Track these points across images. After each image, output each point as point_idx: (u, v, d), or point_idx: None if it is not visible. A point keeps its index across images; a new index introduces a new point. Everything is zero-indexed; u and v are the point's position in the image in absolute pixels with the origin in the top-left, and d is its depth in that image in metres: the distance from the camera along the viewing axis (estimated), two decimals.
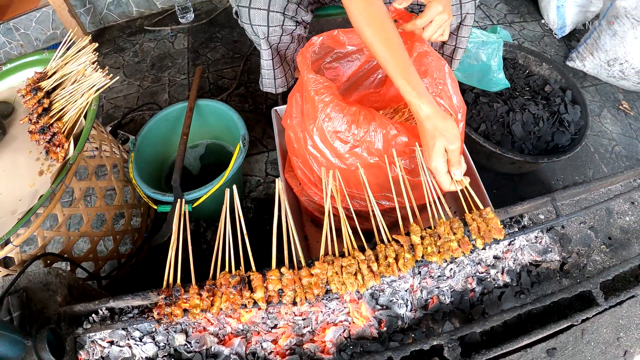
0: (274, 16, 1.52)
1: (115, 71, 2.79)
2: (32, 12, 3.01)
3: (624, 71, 2.43)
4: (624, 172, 1.35)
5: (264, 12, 1.51)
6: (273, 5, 1.50)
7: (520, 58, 2.26)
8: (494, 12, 3.07)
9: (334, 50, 1.42)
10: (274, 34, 1.58)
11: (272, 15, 1.52)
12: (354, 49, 1.43)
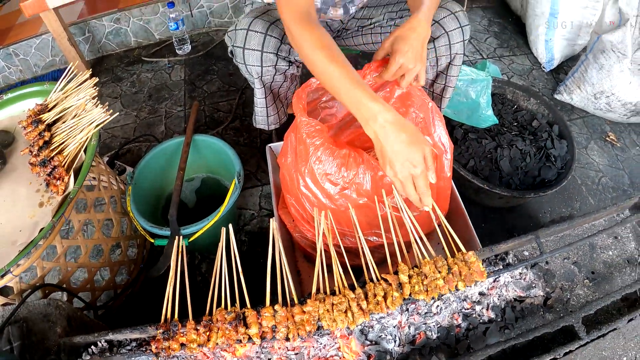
0: (267, 57, 1.58)
1: (113, 101, 2.83)
2: (31, 39, 3.06)
3: (610, 104, 2.49)
4: (607, 208, 1.40)
5: (258, 52, 1.57)
6: (266, 47, 1.56)
7: (508, 93, 2.32)
8: (483, 47, 3.15)
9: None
10: (267, 74, 1.64)
11: (265, 55, 1.58)
12: None
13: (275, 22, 1.61)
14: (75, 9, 3.15)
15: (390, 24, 1.79)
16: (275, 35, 1.57)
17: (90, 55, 3.26)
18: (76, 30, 3.12)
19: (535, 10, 2.93)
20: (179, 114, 2.67)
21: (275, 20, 1.61)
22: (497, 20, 3.46)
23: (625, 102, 2.45)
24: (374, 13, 1.86)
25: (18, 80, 3.18)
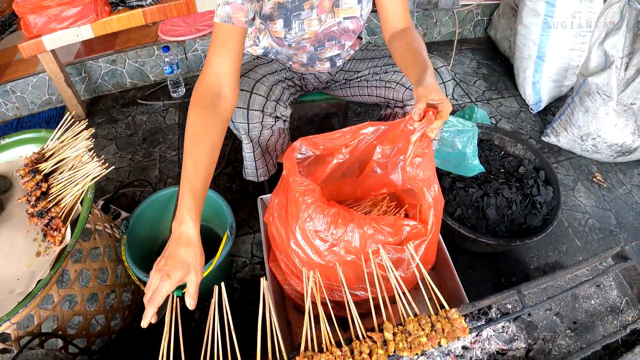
0: (253, 114, 1.64)
1: (108, 143, 2.87)
2: (29, 77, 3.10)
3: (597, 145, 2.55)
4: (588, 259, 1.44)
5: (244, 110, 1.63)
6: (252, 104, 1.63)
7: (496, 139, 2.38)
8: (472, 89, 3.22)
9: (316, 150, 1.52)
10: (254, 130, 1.70)
11: (251, 113, 1.64)
12: (335, 147, 1.52)
13: (261, 79, 1.68)
14: (72, 49, 3.19)
15: (375, 78, 1.87)
16: (260, 94, 1.64)
17: (87, 95, 3.31)
18: (73, 70, 3.17)
19: (522, 53, 3.00)
20: (172, 159, 2.70)
21: (261, 78, 1.68)
22: (486, 62, 3.55)
23: (611, 143, 2.50)
24: (360, 66, 1.93)
25: (15, 117, 3.22)
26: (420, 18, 3.62)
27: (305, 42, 1.77)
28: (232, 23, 1.43)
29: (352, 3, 1.70)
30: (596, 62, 2.45)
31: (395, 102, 1.86)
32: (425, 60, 1.49)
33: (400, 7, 1.71)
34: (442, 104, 1.30)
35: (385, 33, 1.77)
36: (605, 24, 2.38)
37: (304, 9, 1.63)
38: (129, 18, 2.65)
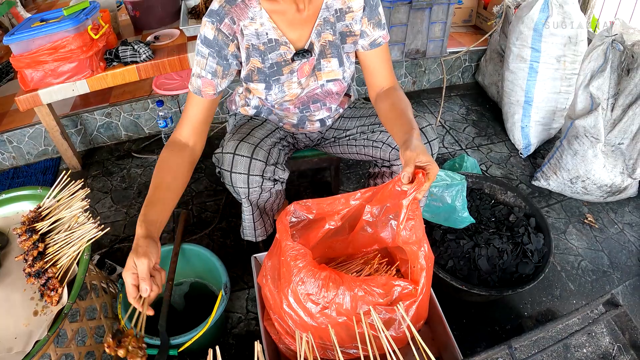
0: (253, 179, 1.68)
1: (104, 195, 2.89)
2: (25, 128, 3.14)
3: (587, 187, 2.58)
4: (579, 309, 1.45)
5: (245, 176, 1.67)
6: (252, 170, 1.66)
7: (486, 188, 2.41)
8: (462, 137, 3.26)
9: (309, 214, 1.55)
10: (254, 194, 1.74)
11: (251, 178, 1.68)
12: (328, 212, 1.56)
13: (259, 143, 1.71)
14: (68, 101, 3.26)
15: (363, 137, 1.91)
16: (260, 159, 1.67)
17: (82, 146, 3.34)
18: (69, 122, 3.21)
19: (510, 98, 3.06)
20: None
21: (260, 142, 1.72)
22: (475, 107, 3.61)
23: (601, 184, 2.53)
24: (348, 124, 1.98)
25: (11, 166, 3.24)
26: (409, 67, 3.69)
27: (287, 104, 1.81)
28: (201, 96, 1.62)
29: (334, 66, 1.73)
30: (583, 105, 2.48)
31: (383, 161, 1.90)
32: (411, 121, 1.54)
33: (384, 67, 1.77)
34: (430, 165, 1.35)
35: (370, 93, 1.83)
36: (590, 67, 2.42)
37: (283, 74, 1.68)
38: (124, 74, 2.70)
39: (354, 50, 1.77)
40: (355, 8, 1.66)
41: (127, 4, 3.10)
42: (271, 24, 1.59)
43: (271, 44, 1.62)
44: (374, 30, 1.71)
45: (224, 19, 1.53)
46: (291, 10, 1.58)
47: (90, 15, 2.58)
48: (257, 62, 1.65)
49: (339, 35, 1.69)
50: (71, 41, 2.48)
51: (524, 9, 2.88)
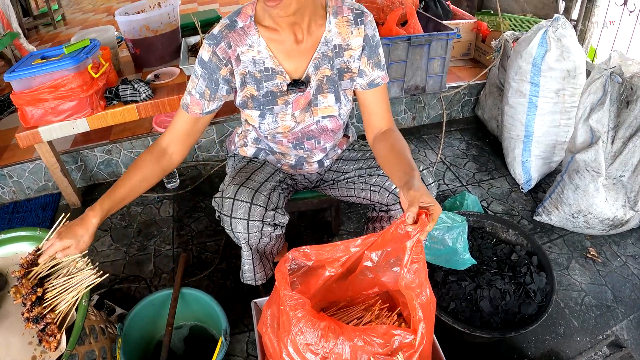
0: (253, 224, 1.67)
1: (104, 234, 2.87)
2: (26, 163, 3.14)
3: (589, 222, 2.56)
4: (582, 353, 1.44)
5: (245, 221, 1.66)
6: (252, 215, 1.66)
7: (487, 226, 2.39)
8: (463, 172, 3.26)
9: (308, 262, 1.54)
10: (253, 239, 1.73)
11: (251, 223, 1.67)
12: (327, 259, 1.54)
13: (259, 188, 1.71)
14: (68, 137, 3.26)
15: (361, 180, 1.91)
16: (260, 204, 1.67)
17: (82, 182, 3.34)
18: (69, 158, 3.21)
19: (510, 133, 3.06)
20: (167, 253, 2.69)
21: (259, 187, 1.71)
22: (475, 142, 3.61)
23: (603, 218, 2.51)
24: (347, 167, 1.98)
25: (11, 200, 3.24)
26: (409, 102, 3.69)
27: (280, 137, 1.81)
28: (187, 112, 1.69)
29: (330, 102, 1.73)
30: (583, 138, 2.48)
31: (380, 205, 1.90)
32: (410, 162, 1.54)
33: (382, 108, 1.78)
34: (433, 206, 1.34)
35: (368, 135, 1.82)
36: (589, 100, 2.41)
37: (278, 104, 1.69)
38: (124, 113, 2.71)
39: (351, 87, 1.77)
40: (354, 46, 1.67)
41: (128, 41, 3.12)
42: (268, 52, 1.61)
43: (267, 73, 1.64)
44: (373, 70, 1.72)
45: (220, 43, 1.57)
46: (289, 40, 1.60)
47: (90, 54, 2.59)
48: (252, 90, 1.67)
49: (336, 71, 1.70)
50: (71, 80, 2.49)
51: (522, 43, 2.89)
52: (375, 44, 1.70)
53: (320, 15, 1.62)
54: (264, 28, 1.58)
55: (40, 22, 7.50)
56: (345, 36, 1.65)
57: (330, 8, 1.62)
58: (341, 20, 1.63)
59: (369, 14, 1.68)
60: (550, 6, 3.94)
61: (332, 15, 1.62)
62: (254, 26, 1.58)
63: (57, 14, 7.61)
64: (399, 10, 3.38)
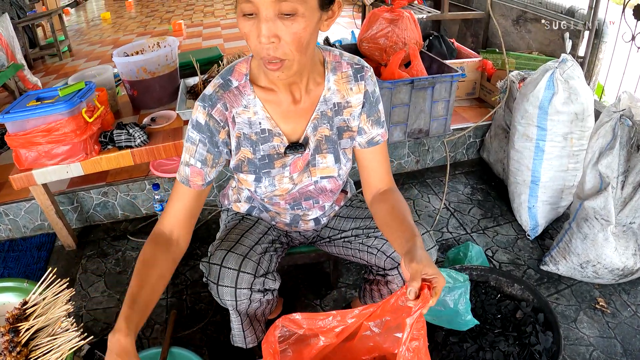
0: (241, 292, 1.59)
1: (97, 279, 2.81)
2: (22, 202, 3.11)
3: (598, 272, 2.47)
4: None
5: (232, 289, 1.58)
6: (240, 283, 1.58)
7: (492, 280, 2.31)
8: (467, 219, 3.18)
9: (298, 330, 1.47)
10: (242, 305, 1.65)
11: (239, 291, 1.59)
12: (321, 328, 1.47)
13: (248, 253, 1.63)
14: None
15: (358, 240, 1.83)
16: (248, 271, 1.59)
17: (79, 224, 3.30)
18: (65, 199, 3.17)
19: (516, 178, 2.98)
20: (160, 302, 2.61)
21: (248, 252, 1.63)
22: (480, 186, 3.53)
23: (613, 268, 2.42)
24: (344, 225, 1.90)
25: (7, 238, 3.22)
26: (412, 146, 3.63)
27: (277, 199, 1.74)
28: (189, 186, 1.54)
29: (329, 162, 1.66)
30: (591, 184, 2.40)
31: (378, 268, 1.82)
32: (412, 227, 1.46)
33: (381, 167, 1.70)
34: (436, 278, 1.26)
35: (366, 194, 1.75)
36: (598, 145, 2.34)
37: (275, 167, 1.62)
38: (118, 158, 2.66)
39: (351, 146, 1.70)
40: (354, 103, 1.60)
41: (125, 82, 3.08)
42: (265, 113, 1.53)
43: (264, 135, 1.57)
44: (372, 128, 1.65)
45: (216, 104, 1.49)
46: (287, 101, 1.53)
47: (84, 97, 2.55)
48: (248, 153, 1.59)
49: (336, 130, 1.63)
50: (65, 124, 2.45)
51: (528, 85, 2.82)
52: (376, 100, 1.64)
53: (319, 72, 1.56)
54: (259, 88, 1.51)
55: (47, 52, 7.56)
56: (344, 93, 1.59)
57: (329, 64, 1.56)
58: (340, 76, 1.57)
59: (369, 69, 1.62)
60: (556, 43, 3.91)
61: (330, 71, 1.56)
62: (250, 86, 1.51)
63: (64, 45, 7.67)
64: (401, 52, 3.33)
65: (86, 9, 13.56)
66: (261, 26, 1.21)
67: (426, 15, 4.72)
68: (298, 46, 1.27)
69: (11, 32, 5.34)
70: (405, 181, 3.63)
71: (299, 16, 1.22)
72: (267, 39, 1.22)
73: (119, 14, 11.77)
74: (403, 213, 1.54)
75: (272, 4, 1.18)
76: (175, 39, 3.26)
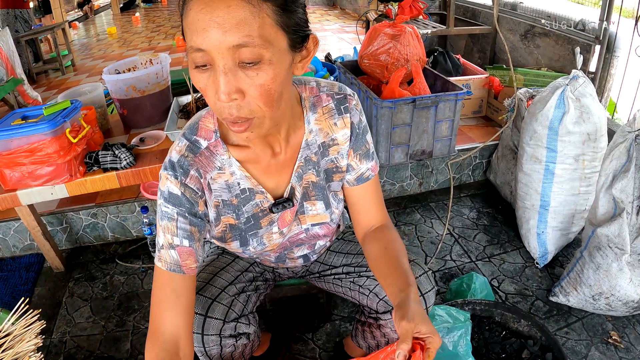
0: (208, 339, 1.45)
1: (84, 303, 2.72)
2: (11, 221, 3.06)
3: (611, 304, 2.32)
4: None
5: (198, 335, 1.44)
6: (207, 329, 1.44)
7: (497, 316, 2.16)
8: (472, 246, 3.02)
9: None
10: (212, 351, 1.50)
11: (206, 338, 1.45)
12: None
13: (219, 295, 1.49)
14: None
15: (349, 279, 1.68)
16: (216, 316, 1.44)
17: (68, 244, 3.22)
18: (54, 220, 3.10)
19: (524, 202, 2.84)
20: (145, 331, 2.49)
21: (219, 294, 1.50)
22: (487, 209, 3.38)
23: (627, 300, 2.28)
24: (334, 260, 1.75)
25: None
26: (415, 168, 3.50)
27: (268, 253, 1.57)
28: (183, 272, 1.26)
29: (319, 209, 1.49)
30: (605, 209, 2.26)
31: (370, 310, 1.66)
32: (406, 273, 1.29)
33: (374, 204, 1.53)
34: (431, 338, 1.10)
35: (358, 232, 1.57)
36: (611, 167, 2.20)
37: (262, 226, 1.44)
38: (103, 180, 2.54)
39: (341, 187, 1.53)
40: (341, 140, 1.42)
41: (115, 101, 2.98)
42: (243, 173, 1.32)
43: (245, 195, 1.37)
44: (361, 163, 1.47)
45: (189, 171, 1.26)
46: (266, 155, 1.33)
47: (69, 117, 2.44)
48: (230, 219, 1.40)
49: (323, 174, 1.45)
50: (48, 145, 2.35)
51: (537, 104, 2.68)
52: (362, 130, 1.45)
53: (298, 115, 1.35)
54: (233, 146, 1.30)
55: (50, 67, 7.58)
56: (328, 130, 1.39)
57: (307, 101, 1.36)
58: (321, 113, 1.37)
59: (353, 96, 1.42)
60: (566, 58, 3.81)
61: (309, 110, 1.36)
62: (222, 144, 1.29)
63: (67, 59, 7.67)
64: (402, 70, 3.19)
65: (95, 23, 13.65)
66: (219, 80, 0.99)
67: (431, 31, 4.62)
68: (267, 101, 1.05)
69: (11, 46, 5.31)
70: (407, 205, 3.50)
71: (265, 64, 1.00)
72: (227, 96, 1.00)
73: (125, 28, 11.84)
74: (396, 256, 1.37)
75: (229, 52, 0.96)
76: (167, 56, 3.14)
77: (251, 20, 0.94)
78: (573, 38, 3.70)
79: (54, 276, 2.98)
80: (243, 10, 0.94)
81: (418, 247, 2.99)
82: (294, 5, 1.04)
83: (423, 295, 1.50)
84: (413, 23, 4.81)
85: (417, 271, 1.53)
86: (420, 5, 4.87)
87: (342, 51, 6.54)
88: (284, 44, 1.03)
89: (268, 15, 0.97)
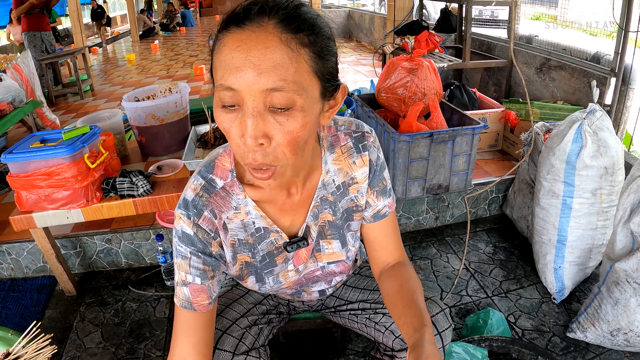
0: None
1: (95, 329, 2.70)
2: (24, 242, 3.08)
3: (629, 340, 2.28)
4: None
5: None
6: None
7: (514, 352, 2.12)
8: (488, 281, 2.99)
9: None
10: None
11: None
12: None
13: (230, 327, 1.49)
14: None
15: (364, 315, 1.65)
16: (226, 349, 1.42)
17: (81, 268, 3.23)
18: (68, 243, 3.11)
19: (541, 237, 2.81)
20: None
21: (230, 326, 1.49)
22: (503, 244, 3.35)
23: None
24: (350, 295, 1.72)
25: (9, 277, 3.20)
26: (431, 202, 3.48)
27: (284, 289, 1.55)
28: (193, 309, 1.26)
29: (336, 248, 1.46)
30: (623, 244, 2.24)
31: (385, 347, 1.63)
32: (422, 313, 1.27)
33: (391, 241, 1.51)
34: None
35: (374, 269, 1.55)
36: (629, 201, 2.18)
37: (277, 264, 1.42)
38: (120, 207, 2.56)
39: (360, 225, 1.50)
40: (360, 178, 1.40)
41: (134, 128, 3.00)
42: (259, 212, 1.31)
43: (259, 233, 1.35)
44: (378, 200, 1.45)
45: (202, 212, 1.24)
46: (282, 197, 1.31)
47: (88, 142, 2.47)
48: (246, 257, 1.38)
49: (343, 213, 1.43)
50: (65, 169, 2.38)
51: (554, 138, 2.67)
52: (380, 167, 1.43)
53: (316, 154, 1.34)
54: (249, 186, 1.28)
55: (69, 90, 7.68)
56: (347, 170, 1.38)
57: (325, 140, 1.35)
58: (340, 152, 1.36)
59: (371, 133, 1.40)
60: (582, 91, 3.80)
61: (327, 151, 1.35)
62: (237, 184, 1.27)
63: (86, 84, 7.77)
64: (419, 104, 3.19)
65: (114, 49, 13.82)
66: (246, 122, 0.95)
67: (447, 64, 4.63)
68: (293, 148, 1.01)
69: (32, 68, 5.40)
70: (423, 239, 3.47)
71: (297, 110, 0.96)
72: (254, 141, 0.96)
73: (144, 55, 11.98)
74: (412, 294, 1.35)
75: (261, 94, 0.92)
76: (187, 85, 3.16)
77: (288, 64, 0.92)
78: (588, 71, 3.71)
79: (65, 300, 2.97)
80: (281, 53, 0.91)
81: (434, 282, 2.96)
82: (329, 54, 1.03)
83: (440, 333, 1.47)
84: (429, 56, 4.83)
85: (434, 309, 1.50)
86: (436, 39, 4.91)
87: (358, 84, 6.57)
88: (316, 92, 1.01)
89: (305, 61, 0.95)
